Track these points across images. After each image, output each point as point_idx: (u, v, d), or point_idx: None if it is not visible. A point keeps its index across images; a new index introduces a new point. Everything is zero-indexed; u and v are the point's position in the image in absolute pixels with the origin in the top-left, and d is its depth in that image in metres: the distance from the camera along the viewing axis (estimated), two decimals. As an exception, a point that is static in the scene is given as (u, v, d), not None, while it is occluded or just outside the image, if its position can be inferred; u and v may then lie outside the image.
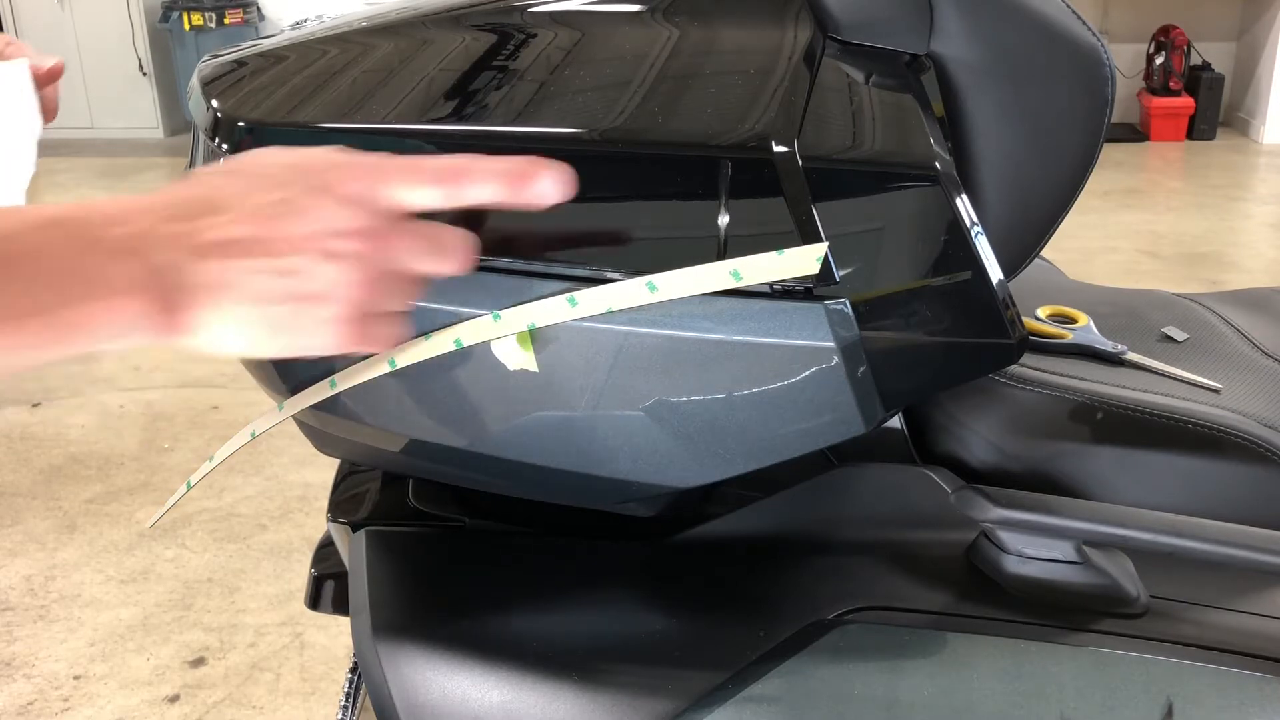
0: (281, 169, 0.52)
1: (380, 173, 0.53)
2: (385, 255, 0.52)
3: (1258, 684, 0.68)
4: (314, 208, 0.50)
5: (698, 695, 0.67)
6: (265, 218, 0.49)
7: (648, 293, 0.64)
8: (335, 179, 0.52)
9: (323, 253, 0.50)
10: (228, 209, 0.49)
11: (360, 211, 0.51)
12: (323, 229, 0.50)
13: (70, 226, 0.46)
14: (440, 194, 0.55)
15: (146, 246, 0.47)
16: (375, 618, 0.73)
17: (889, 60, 0.73)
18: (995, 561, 0.74)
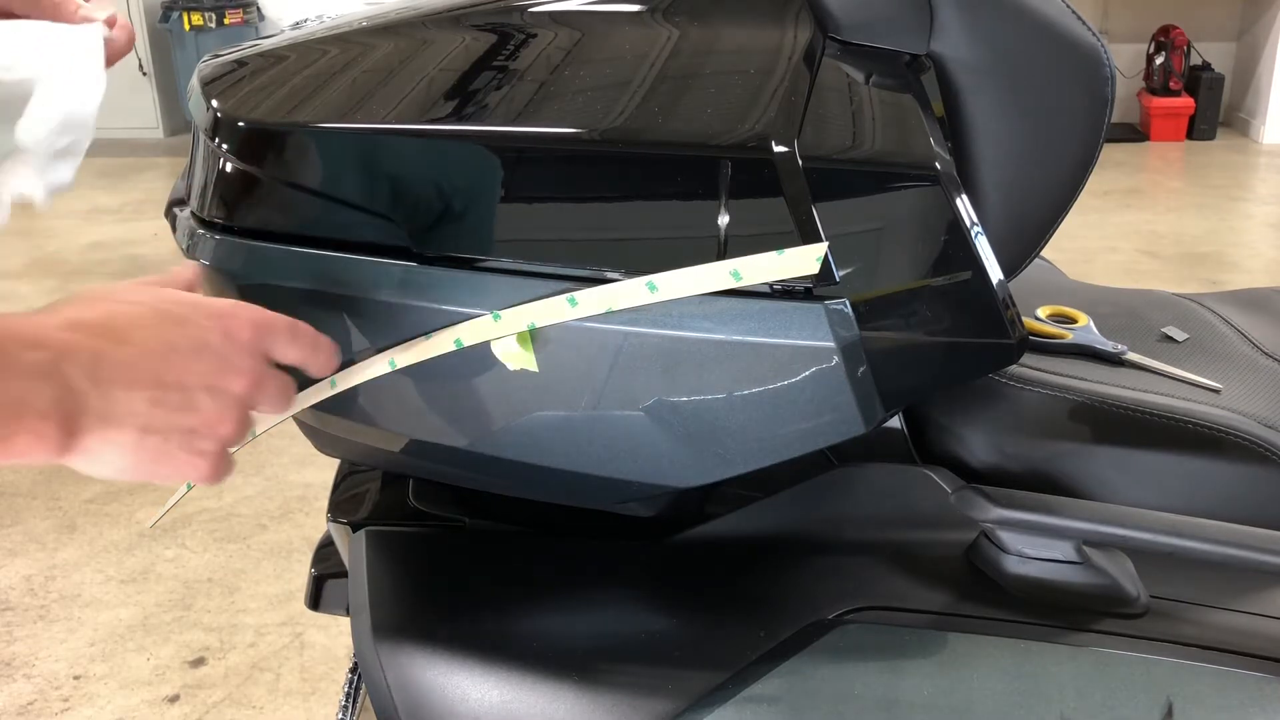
0: (185, 306, 0.56)
1: (268, 328, 0.58)
2: (254, 398, 0.57)
3: (1258, 684, 0.68)
4: (210, 347, 0.54)
5: (698, 695, 0.67)
6: (167, 351, 0.53)
7: (648, 293, 0.64)
8: (231, 324, 0.56)
9: (211, 390, 0.54)
10: (132, 340, 0.52)
11: (246, 357, 0.56)
12: (214, 368, 0.54)
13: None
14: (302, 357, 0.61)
15: (59, 373, 0.49)
16: (375, 618, 0.73)
17: (889, 60, 0.73)
18: (995, 561, 0.74)
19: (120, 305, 0.54)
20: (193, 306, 0.56)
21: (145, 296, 0.55)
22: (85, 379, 0.50)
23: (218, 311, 0.56)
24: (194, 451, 0.54)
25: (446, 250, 0.69)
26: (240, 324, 0.57)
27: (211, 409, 0.54)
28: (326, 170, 0.71)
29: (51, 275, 4.11)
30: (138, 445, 0.52)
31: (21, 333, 0.49)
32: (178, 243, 0.80)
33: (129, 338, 0.52)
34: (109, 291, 0.55)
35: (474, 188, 0.69)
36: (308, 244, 0.71)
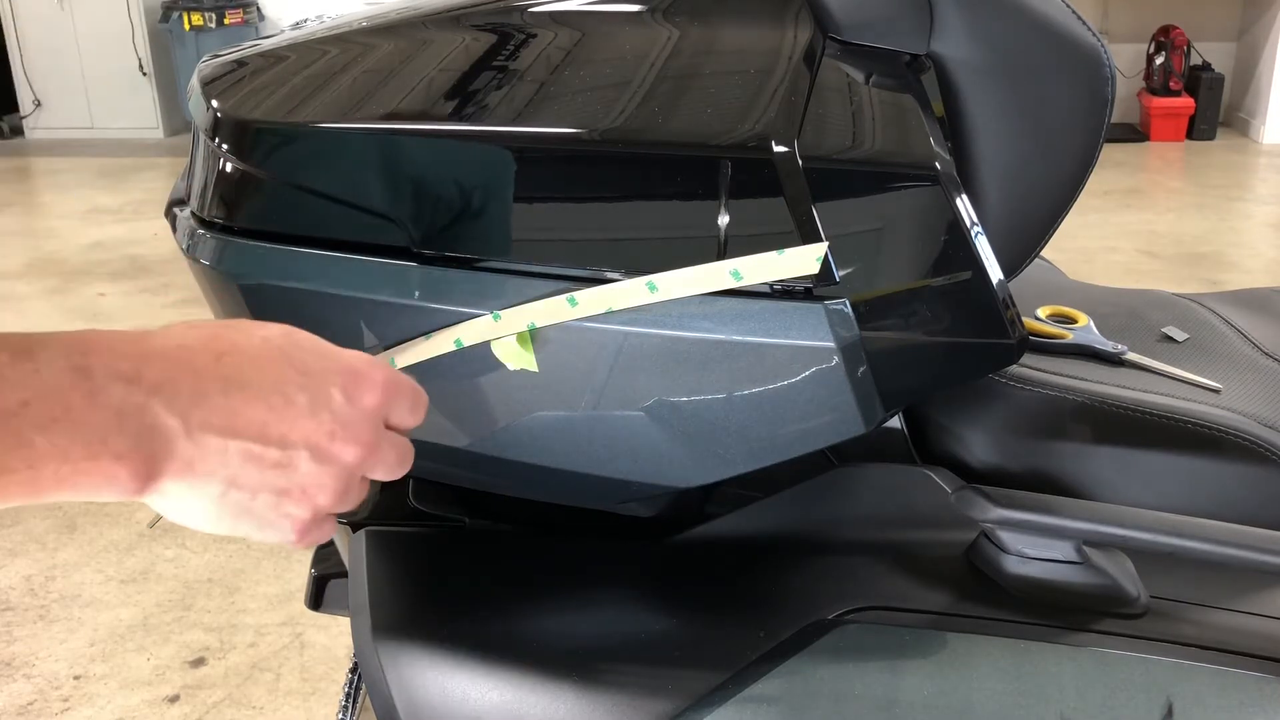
0: (315, 355, 0.50)
1: (396, 394, 0.52)
2: (368, 464, 0.50)
3: (1258, 684, 0.68)
4: (329, 407, 0.48)
5: (698, 695, 0.67)
6: (280, 402, 0.47)
7: (648, 293, 0.64)
8: (359, 386, 0.50)
9: (317, 453, 0.48)
10: (245, 380, 0.46)
11: (365, 424, 0.50)
12: (327, 430, 0.48)
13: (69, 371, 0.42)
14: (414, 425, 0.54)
15: (148, 411, 0.43)
16: (375, 618, 0.73)
17: (889, 60, 0.73)
18: (995, 561, 0.74)
19: (246, 338, 0.48)
20: (321, 357, 0.49)
21: (275, 335, 0.49)
22: (178, 419, 0.44)
23: (347, 368, 0.50)
24: (281, 514, 0.48)
25: (446, 250, 0.69)
26: (369, 386, 0.50)
27: (312, 474, 0.48)
28: (326, 170, 0.71)
29: (51, 275, 4.11)
30: (220, 498, 0.46)
31: (118, 356, 0.43)
32: (178, 243, 0.80)
33: (242, 377, 0.46)
34: (239, 323, 0.49)
35: (474, 188, 0.69)
36: (308, 244, 0.71)
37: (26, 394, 0.40)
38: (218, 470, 0.46)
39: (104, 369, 0.42)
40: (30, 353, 0.41)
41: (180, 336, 0.47)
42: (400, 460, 0.52)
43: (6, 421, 0.40)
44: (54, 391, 0.41)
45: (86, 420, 0.41)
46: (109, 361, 0.43)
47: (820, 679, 0.69)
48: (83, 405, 0.41)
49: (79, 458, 0.41)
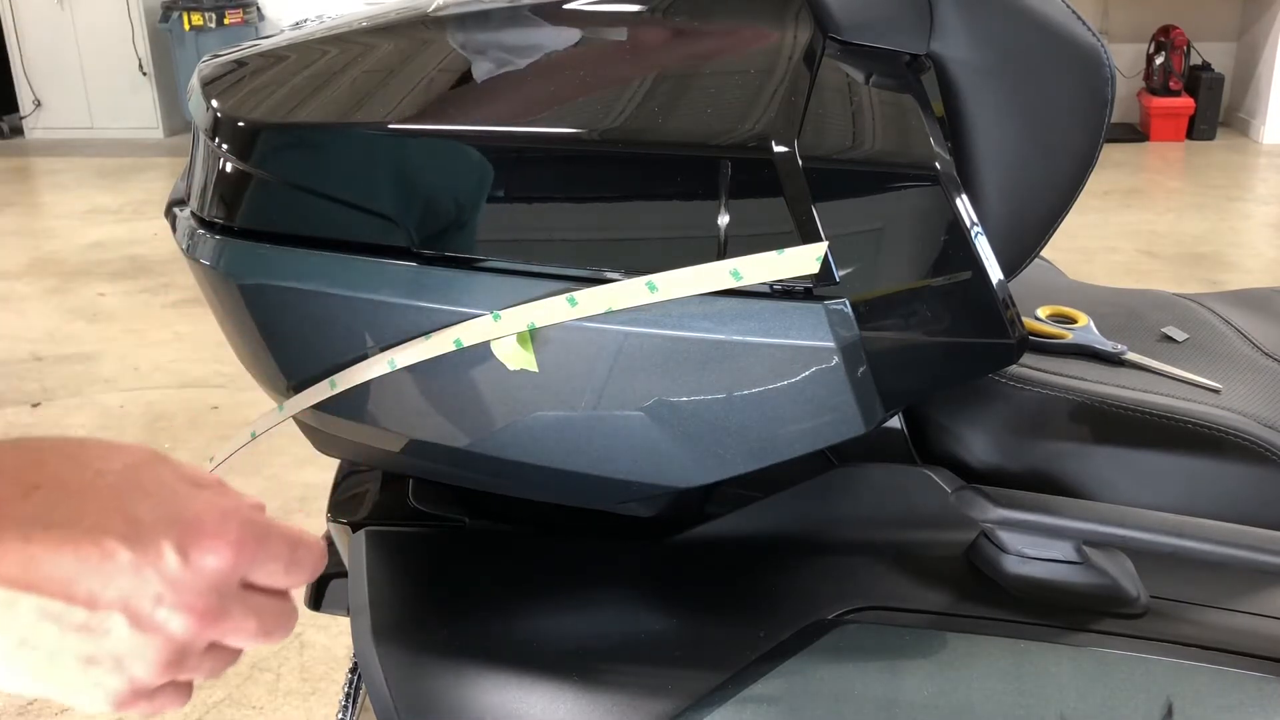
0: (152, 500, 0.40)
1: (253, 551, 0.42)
2: (208, 635, 0.41)
3: (1258, 684, 0.68)
4: (153, 566, 0.39)
5: (698, 695, 0.67)
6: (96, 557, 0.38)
7: (648, 292, 0.64)
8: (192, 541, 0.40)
9: (137, 621, 0.39)
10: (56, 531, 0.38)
11: (205, 594, 0.40)
12: (152, 594, 0.39)
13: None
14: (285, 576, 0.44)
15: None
16: (375, 618, 0.73)
17: (889, 60, 0.73)
18: (995, 561, 0.74)
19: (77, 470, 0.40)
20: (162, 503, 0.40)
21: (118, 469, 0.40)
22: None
23: (190, 521, 0.40)
24: (90, 682, 0.40)
25: (446, 250, 0.69)
26: (212, 546, 0.40)
27: (128, 642, 0.39)
28: (326, 170, 0.71)
29: (51, 275, 4.11)
30: (9, 656, 0.38)
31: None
32: (178, 243, 0.80)
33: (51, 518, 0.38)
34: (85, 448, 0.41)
35: (474, 188, 0.69)
36: (307, 244, 0.71)
37: None
38: (4, 627, 0.37)
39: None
40: None
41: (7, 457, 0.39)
42: (264, 630, 0.43)
43: None
44: None
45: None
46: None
47: (820, 679, 0.69)
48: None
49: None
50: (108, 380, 3.20)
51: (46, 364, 3.30)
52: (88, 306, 3.78)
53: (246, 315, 0.75)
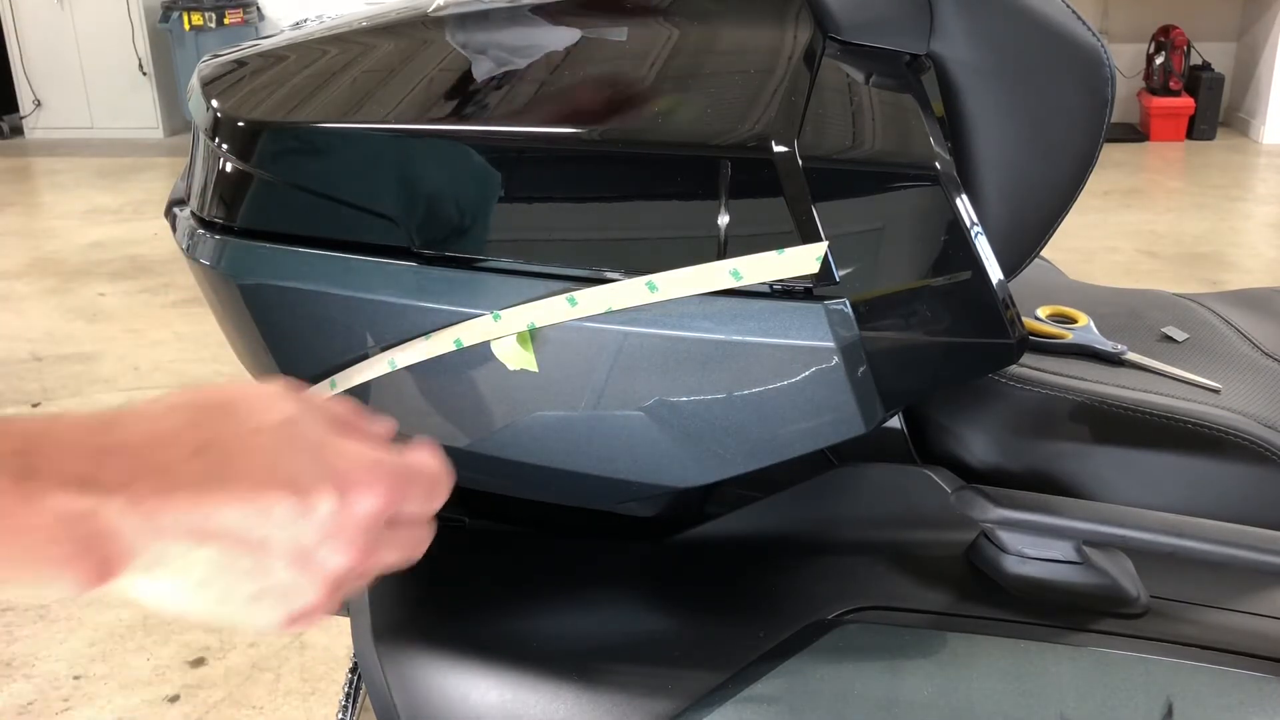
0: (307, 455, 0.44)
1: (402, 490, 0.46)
2: (359, 569, 0.45)
3: (1258, 684, 0.68)
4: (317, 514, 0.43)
5: (698, 695, 0.67)
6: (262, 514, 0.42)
7: (648, 292, 0.64)
8: (348, 493, 0.44)
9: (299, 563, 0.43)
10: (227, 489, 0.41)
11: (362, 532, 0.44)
12: (313, 540, 0.43)
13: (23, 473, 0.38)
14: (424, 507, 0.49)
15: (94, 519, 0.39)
16: (375, 618, 0.73)
17: (889, 60, 0.73)
18: (995, 561, 0.74)
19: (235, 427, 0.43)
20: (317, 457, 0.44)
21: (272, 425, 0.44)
22: (138, 522, 0.40)
23: (344, 474, 0.44)
24: (258, 611, 0.44)
25: (447, 250, 0.69)
26: (367, 494, 0.44)
27: (291, 581, 0.43)
28: (326, 170, 0.71)
29: (51, 275, 4.11)
30: (189, 596, 0.42)
31: (71, 455, 0.39)
32: (178, 243, 0.80)
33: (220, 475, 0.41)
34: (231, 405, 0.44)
35: (474, 188, 0.69)
36: (308, 244, 0.71)
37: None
38: (182, 574, 0.41)
39: (52, 471, 0.39)
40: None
41: (155, 421, 0.42)
42: (406, 555, 0.48)
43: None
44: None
45: (24, 526, 0.38)
46: (58, 463, 0.39)
47: (820, 679, 0.69)
48: (21, 511, 0.38)
49: (22, 563, 0.39)
50: (107, 380, 3.20)
51: (46, 364, 3.30)
52: (87, 306, 3.78)
53: (246, 315, 0.75)
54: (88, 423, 0.41)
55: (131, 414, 0.42)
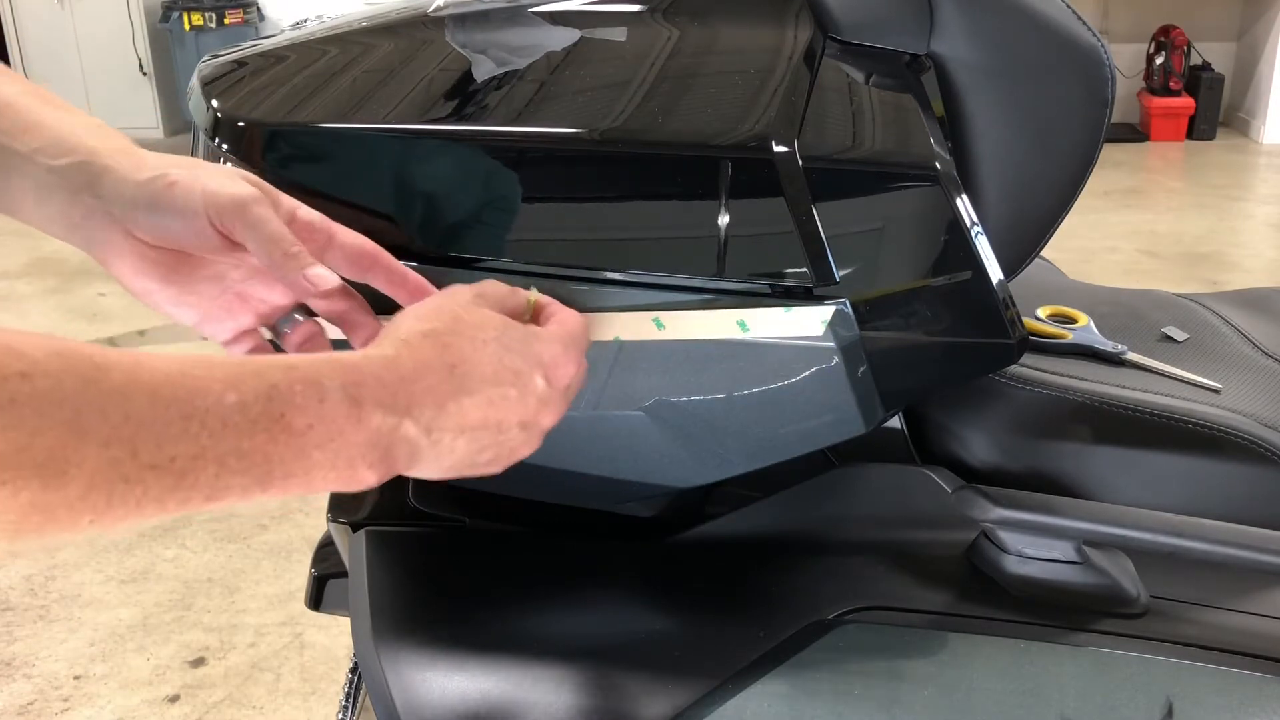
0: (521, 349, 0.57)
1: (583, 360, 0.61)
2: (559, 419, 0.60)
3: (1258, 684, 0.68)
4: (534, 393, 0.57)
5: (698, 695, 0.67)
6: (498, 399, 0.55)
7: (654, 329, 0.65)
8: (558, 373, 0.58)
9: (525, 426, 0.57)
10: (472, 387, 0.54)
11: (562, 398, 0.59)
12: (533, 410, 0.57)
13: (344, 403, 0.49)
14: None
15: (398, 431, 0.51)
16: (375, 618, 0.73)
17: (889, 60, 0.73)
18: (995, 561, 0.74)
19: (470, 344, 0.55)
20: (526, 351, 0.57)
21: (490, 337, 0.56)
22: (421, 430, 0.52)
23: (549, 362, 0.58)
24: (493, 464, 0.57)
25: (446, 250, 0.69)
26: (564, 372, 0.59)
27: (518, 440, 0.57)
28: (327, 170, 0.71)
29: (51, 275, 4.11)
30: (446, 468, 0.55)
31: (380, 386, 0.51)
32: (178, 243, 0.79)
33: (469, 387, 0.54)
34: (458, 322, 0.56)
35: (474, 188, 0.69)
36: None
37: (313, 419, 0.48)
38: (446, 456, 0.54)
39: (371, 399, 0.50)
40: (318, 384, 0.48)
41: (418, 350, 0.54)
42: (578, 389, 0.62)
43: (296, 439, 0.47)
44: (333, 418, 0.48)
45: (352, 440, 0.49)
46: (374, 392, 0.50)
47: (820, 679, 0.69)
48: (352, 429, 0.49)
49: (343, 467, 0.49)
50: (108, 380, 3.19)
51: (46, 364, 3.29)
52: (88, 306, 3.78)
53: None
54: (380, 359, 0.52)
55: (402, 348, 0.53)
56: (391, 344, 0.54)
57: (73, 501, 0.41)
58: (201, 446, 0.44)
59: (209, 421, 0.45)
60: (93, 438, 0.41)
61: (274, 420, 0.47)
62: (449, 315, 0.57)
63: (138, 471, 0.43)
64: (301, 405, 0.48)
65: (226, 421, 0.45)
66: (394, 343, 0.54)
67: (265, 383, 0.47)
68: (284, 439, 0.47)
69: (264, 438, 0.46)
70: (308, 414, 0.48)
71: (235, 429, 0.45)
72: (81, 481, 0.41)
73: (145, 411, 0.43)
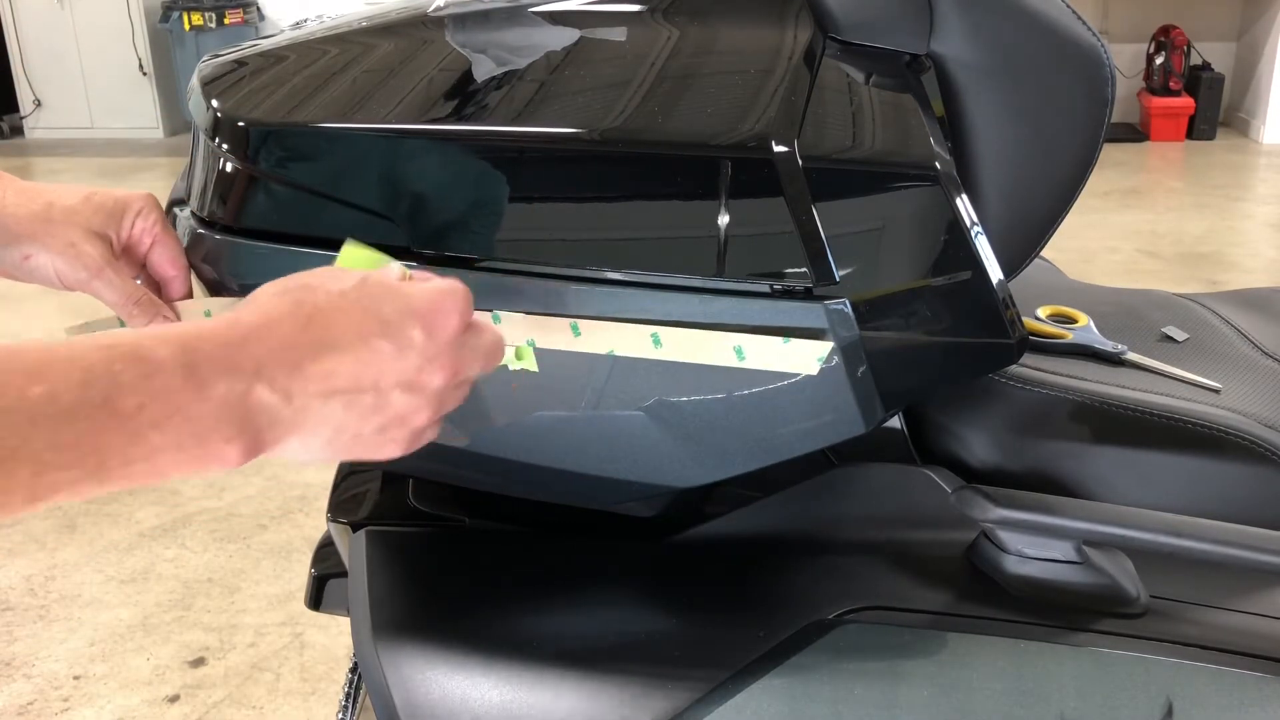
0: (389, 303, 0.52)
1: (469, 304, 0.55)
2: (456, 380, 0.54)
3: (1258, 684, 0.68)
4: (413, 347, 0.52)
5: (698, 695, 0.67)
6: (368, 355, 0.51)
7: (651, 346, 0.65)
8: (437, 321, 0.53)
9: (408, 387, 0.52)
10: (334, 343, 0.50)
11: (448, 352, 0.53)
12: (414, 367, 0.52)
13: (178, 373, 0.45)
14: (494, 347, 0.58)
15: (250, 396, 0.47)
16: (375, 618, 0.73)
17: (889, 60, 0.73)
18: (995, 561, 0.74)
19: (326, 297, 0.51)
20: (395, 301, 0.52)
21: (350, 288, 0.52)
22: (279, 394, 0.48)
23: (423, 308, 0.53)
24: (386, 439, 0.53)
25: (446, 250, 0.69)
26: (445, 319, 0.53)
27: (406, 403, 0.52)
28: (326, 170, 0.71)
29: (51, 275, 4.10)
30: (328, 443, 0.51)
31: (220, 349, 0.47)
32: (178, 243, 0.79)
33: (329, 343, 0.50)
34: (314, 281, 0.52)
35: (474, 188, 0.69)
36: (308, 244, 0.71)
37: (142, 398, 0.44)
38: (321, 426, 0.50)
39: (209, 365, 0.46)
40: (142, 359, 0.44)
41: (267, 309, 0.50)
42: (489, 358, 0.56)
43: (126, 422, 0.43)
44: (166, 393, 0.44)
45: (196, 414, 0.45)
46: (212, 357, 0.46)
47: (820, 679, 0.69)
48: (192, 401, 0.45)
49: (192, 446, 0.46)
50: (108, 380, 3.19)
51: (46, 364, 3.29)
52: (87, 306, 3.77)
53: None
54: (218, 323, 0.48)
55: (247, 309, 0.50)
56: (239, 309, 0.50)
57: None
58: (8, 447, 0.40)
59: (12, 419, 0.41)
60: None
61: (96, 407, 0.42)
62: (302, 278, 0.53)
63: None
64: (127, 384, 0.43)
65: (34, 416, 0.41)
66: (241, 307, 0.50)
67: (78, 367, 0.43)
68: (112, 425, 0.43)
69: (86, 426, 0.42)
70: (136, 393, 0.44)
71: (48, 421, 0.41)
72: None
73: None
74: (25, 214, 0.70)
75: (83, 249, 0.70)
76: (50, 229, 0.70)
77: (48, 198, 0.71)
